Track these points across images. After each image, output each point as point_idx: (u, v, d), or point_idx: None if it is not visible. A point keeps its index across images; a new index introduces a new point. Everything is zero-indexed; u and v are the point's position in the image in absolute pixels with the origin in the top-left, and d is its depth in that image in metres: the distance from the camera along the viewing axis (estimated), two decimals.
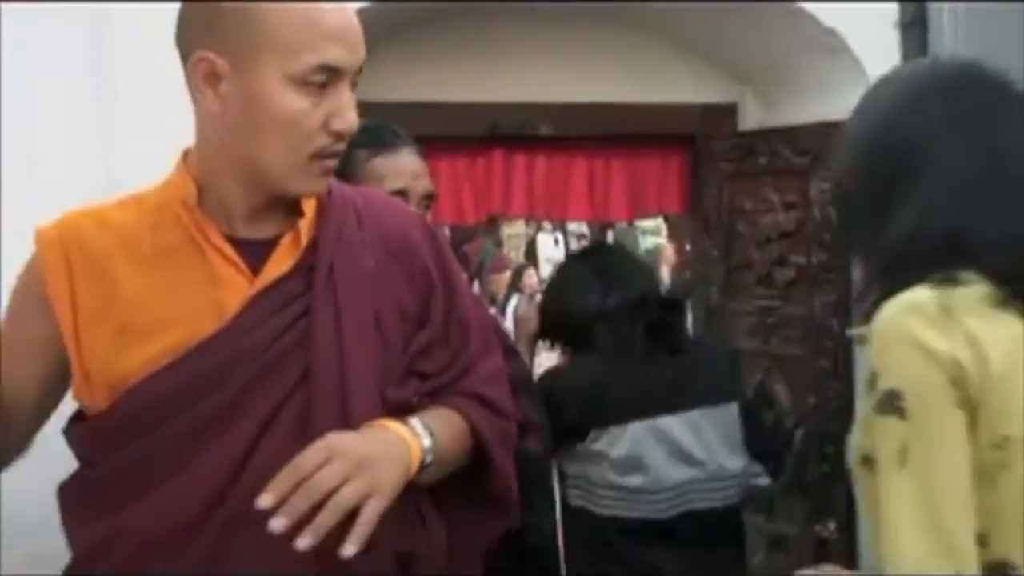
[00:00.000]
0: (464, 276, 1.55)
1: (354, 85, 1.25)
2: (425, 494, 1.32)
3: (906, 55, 2.94)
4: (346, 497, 1.13)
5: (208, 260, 1.26)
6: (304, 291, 1.27)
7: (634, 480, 2.08)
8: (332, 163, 1.27)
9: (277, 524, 1.10)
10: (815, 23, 2.93)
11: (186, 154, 1.32)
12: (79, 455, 1.29)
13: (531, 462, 1.56)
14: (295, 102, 1.20)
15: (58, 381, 1.30)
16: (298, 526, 1.11)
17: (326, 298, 1.27)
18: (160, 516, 1.21)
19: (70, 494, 1.28)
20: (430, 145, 3.23)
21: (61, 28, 2.34)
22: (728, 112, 3.51)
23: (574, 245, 10.23)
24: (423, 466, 1.25)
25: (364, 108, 1.28)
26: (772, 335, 3.21)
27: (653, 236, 11.52)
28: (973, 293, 1.15)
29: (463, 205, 3.50)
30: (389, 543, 1.24)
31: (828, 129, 2.99)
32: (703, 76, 3.45)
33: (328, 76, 1.21)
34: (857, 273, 2.77)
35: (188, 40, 1.24)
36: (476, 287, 7.96)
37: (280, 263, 1.28)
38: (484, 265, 8.60)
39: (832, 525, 3.06)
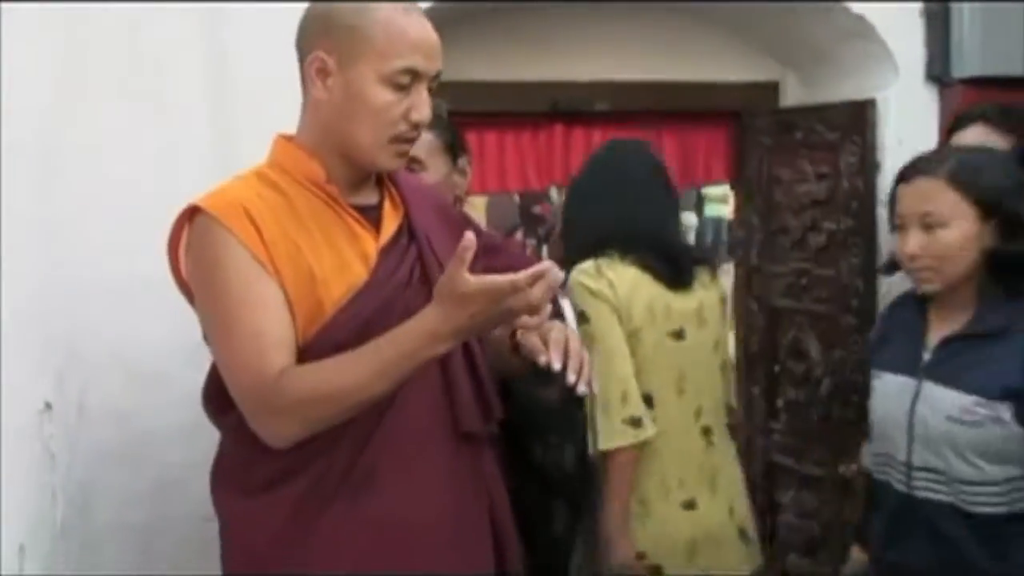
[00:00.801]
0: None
1: (432, 87, 1.59)
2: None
3: (929, 42, 3.19)
4: (583, 353, 1.56)
5: (346, 221, 1.59)
6: (409, 242, 1.63)
7: None
8: (408, 146, 1.60)
9: (583, 389, 1.51)
10: (846, 11, 3.19)
11: (287, 138, 1.62)
12: None
13: (548, 408, 1.92)
14: (384, 96, 1.54)
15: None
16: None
17: (427, 249, 1.64)
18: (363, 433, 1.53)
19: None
20: (497, 120, 3.60)
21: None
22: (771, 90, 3.76)
23: None
24: None
25: (445, 87, 1.61)
26: (805, 295, 3.48)
27: (719, 204, 11.70)
28: (612, 259, 2.21)
29: (527, 174, 3.81)
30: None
31: (857, 107, 3.28)
32: (748, 57, 3.71)
33: (411, 78, 1.55)
34: (882, 239, 3.07)
35: (306, 42, 1.58)
36: (544, 250, 8.23)
37: (391, 223, 1.63)
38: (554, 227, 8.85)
39: (854, 466, 3.33)
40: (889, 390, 1.98)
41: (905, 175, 1.95)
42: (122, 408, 2.12)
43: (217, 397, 1.56)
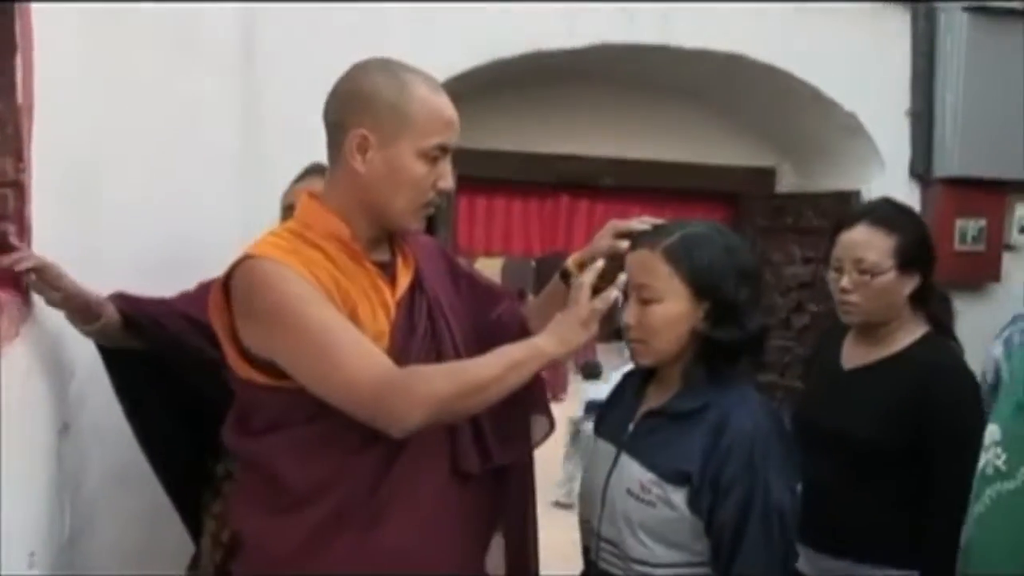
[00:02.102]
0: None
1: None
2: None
3: (914, 139, 3.39)
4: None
5: (371, 275, 1.73)
6: (419, 298, 1.77)
7: None
8: (431, 210, 1.76)
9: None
10: (839, 107, 3.39)
11: (315, 197, 1.76)
12: (310, 413, 1.64)
13: None
14: (420, 168, 1.69)
15: None
16: None
17: (436, 304, 1.79)
18: (377, 461, 1.65)
19: (291, 447, 1.67)
20: (507, 188, 3.79)
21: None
22: (768, 175, 3.98)
23: None
24: None
25: (455, 154, 1.77)
26: (788, 372, 3.64)
27: None
28: None
29: (531, 241, 4.01)
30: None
31: (843, 197, 3.47)
32: (748, 143, 3.93)
33: (441, 152, 1.73)
34: None
35: (346, 117, 1.67)
36: None
37: (404, 278, 1.77)
38: None
39: None
40: (596, 457, 1.90)
41: (632, 244, 1.86)
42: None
43: (249, 422, 1.67)
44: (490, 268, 13.97)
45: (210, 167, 2.58)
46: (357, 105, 1.69)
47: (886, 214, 2.20)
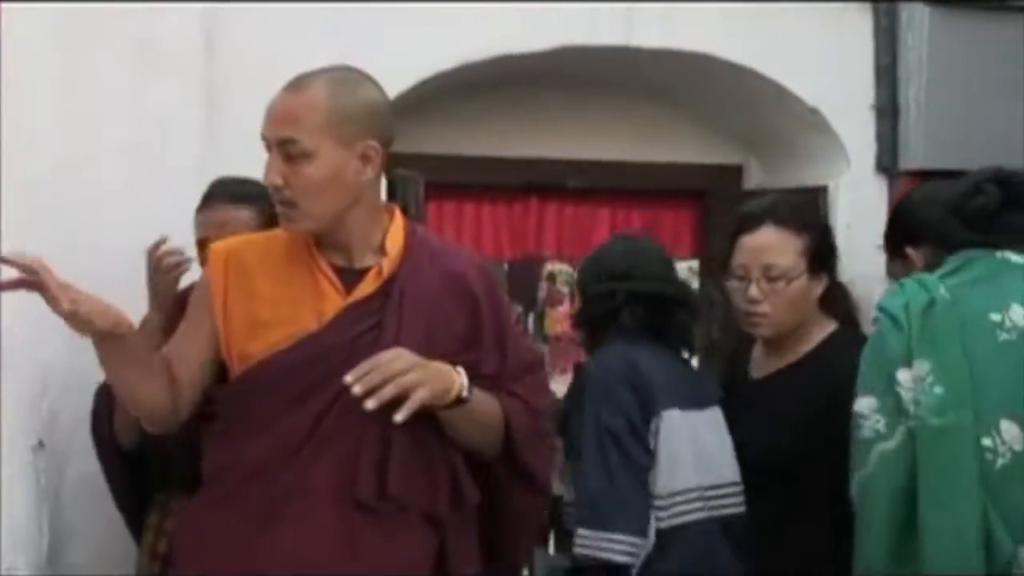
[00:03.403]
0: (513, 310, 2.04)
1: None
2: (463, 466, 1.76)
3: (879, 135, 3.43)
4: (404, 379, 1.60)
5: (317, 280, 1.74)
6: (379, 309, 1.73)
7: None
8: (280, 207, 1.73)
9: (356, 389, 1.57)
10: (801, 103, 3.43)
11: None
12: (220, 406, 1.78)
13: None
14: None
15: (212, 363, 1.77)
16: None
17: (394, 316, 1.73)
18: (266, 449, 1.69)
19: (211, 432, 1.79)
20: (475, 192, 3.80)
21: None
22: (735, 172, 3.99)
23: None
24: (460, 399, 1.68)
25: (423, 159, 1.78)
26: None
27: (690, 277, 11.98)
28: None
29: (502, 245, 4.01)
30: (422, 500, 1.69)
31: (810, 193, 3.50)
32: (714, 141, 3.94)
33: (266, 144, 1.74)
34: None
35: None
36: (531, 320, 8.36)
37: (366, 288, 1.74)
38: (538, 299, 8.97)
39: None
40: None
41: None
42: None
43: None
44: None
45: (173, 173, 2.58)
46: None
47: (790, 212, 2.04)
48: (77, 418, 2.10)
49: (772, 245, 1.99)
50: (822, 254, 2.03)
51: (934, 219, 2.04)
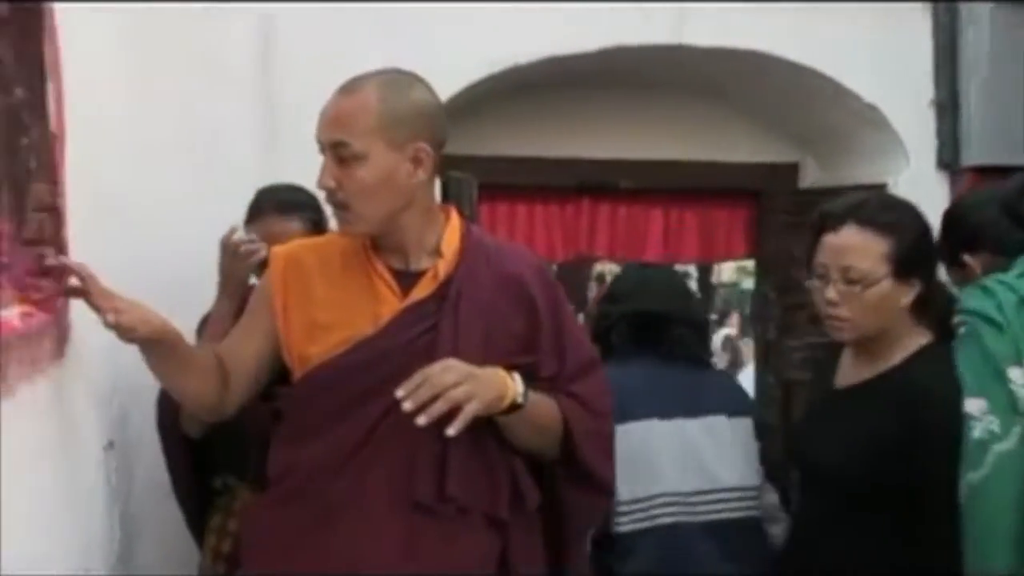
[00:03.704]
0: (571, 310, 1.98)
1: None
2: (523, 469, 1.77)
3: (940, 130, 3.38)
4: (454, 394, 1.59)
5: (373, 284, 1.76)
6: (436, 312, 1.74)
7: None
8: (339, 210, 1.76)
9: (407, 406, 1.57)
10: (859, 100, 3.38)
11: None
12: (283, 407, 1.81)
13: None
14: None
15: (268, 362, 1.81)
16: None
17: (450, 318, 1.74)
18: (322, 453, 1.72)
19: (276, 433, 1.81)
20: (528, 193, 3.80)
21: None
22: (790, 171, 3.95)
23: None
24: (515, 405, 1.68)
25: (475, 161, 1.78)
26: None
27: (747, 278, 11.91)
28: None
29: (554, 246, 4.02)
30: (482, 502, 1.70)
31: (872, 191, 3.44)
32: (768, 139, 3.90)
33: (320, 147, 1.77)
34: None
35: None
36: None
37: (422, 290, 1.75)
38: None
39: None
40: None
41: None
42: None
43: None
44: None
45: (234, 176, 2.61)
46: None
47: (876, 212, 1.90)
48: (146, 418, 2.14)
49: (852, 246, 1.87)
50: (912, 259, 1.88)
51: (988, 222, 2.00)
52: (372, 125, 1.69)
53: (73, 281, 1.60)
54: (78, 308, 1.65)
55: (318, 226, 2.27)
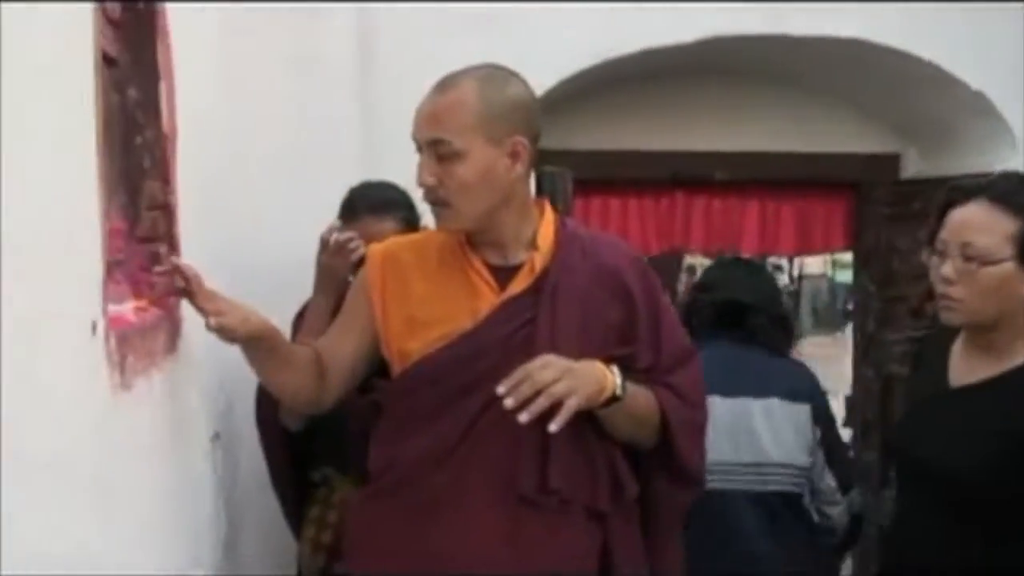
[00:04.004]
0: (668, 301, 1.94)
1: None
2: (621, 459, 1.77)
3: None
4: (555, 389, 1.57)
5: (470, 279, 1.77)
6: (533, 305, 1.74)
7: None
8: (436, 207, 1.75)
9: (508, 403, 1.57)
10: (965, 87, 3.28)
11: None
12: (382, 402, 1.84)
13: None
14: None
15: (365, 358, 1.83)
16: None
17: (547, 311, 1.73)
18: (424, 448, 1.73)
19: (377, 427, 1.83)
20: (622, 187, 3.79)
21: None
22: (891, 162, 3.87)
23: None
24: (614, 397, 1.66)
25: (570, 155, 1.77)
26: None
27: (847, 271, 11.72)
28: None
29: (649, 239, 4.01)
30: (584, 494, 1.71)
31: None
32: (868, 130, 3.83)
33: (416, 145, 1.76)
34: None
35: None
36: None
37: (519, 284, 1.75)
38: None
39: None
40: None
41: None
42: None
43: None
44: None
45: (333, 170, 2.65)
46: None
47: (1012, 190, 1.77)
48: (249, 410, 2.20)
49: (976, 221, 1.74)
50: None
51: None
52: (471, 122, 1.69)
53: (179, 282, 1.64)
54: (187, 303, 1.70)
55: (411, 224, 2.29)
